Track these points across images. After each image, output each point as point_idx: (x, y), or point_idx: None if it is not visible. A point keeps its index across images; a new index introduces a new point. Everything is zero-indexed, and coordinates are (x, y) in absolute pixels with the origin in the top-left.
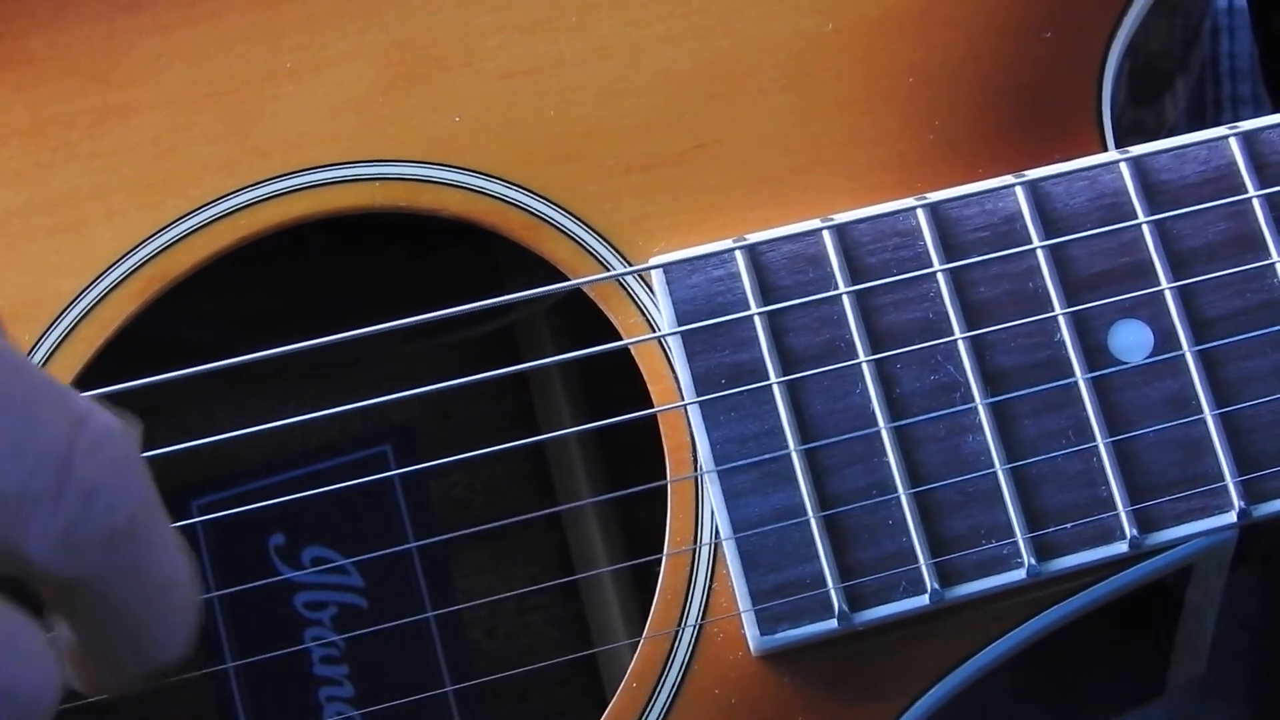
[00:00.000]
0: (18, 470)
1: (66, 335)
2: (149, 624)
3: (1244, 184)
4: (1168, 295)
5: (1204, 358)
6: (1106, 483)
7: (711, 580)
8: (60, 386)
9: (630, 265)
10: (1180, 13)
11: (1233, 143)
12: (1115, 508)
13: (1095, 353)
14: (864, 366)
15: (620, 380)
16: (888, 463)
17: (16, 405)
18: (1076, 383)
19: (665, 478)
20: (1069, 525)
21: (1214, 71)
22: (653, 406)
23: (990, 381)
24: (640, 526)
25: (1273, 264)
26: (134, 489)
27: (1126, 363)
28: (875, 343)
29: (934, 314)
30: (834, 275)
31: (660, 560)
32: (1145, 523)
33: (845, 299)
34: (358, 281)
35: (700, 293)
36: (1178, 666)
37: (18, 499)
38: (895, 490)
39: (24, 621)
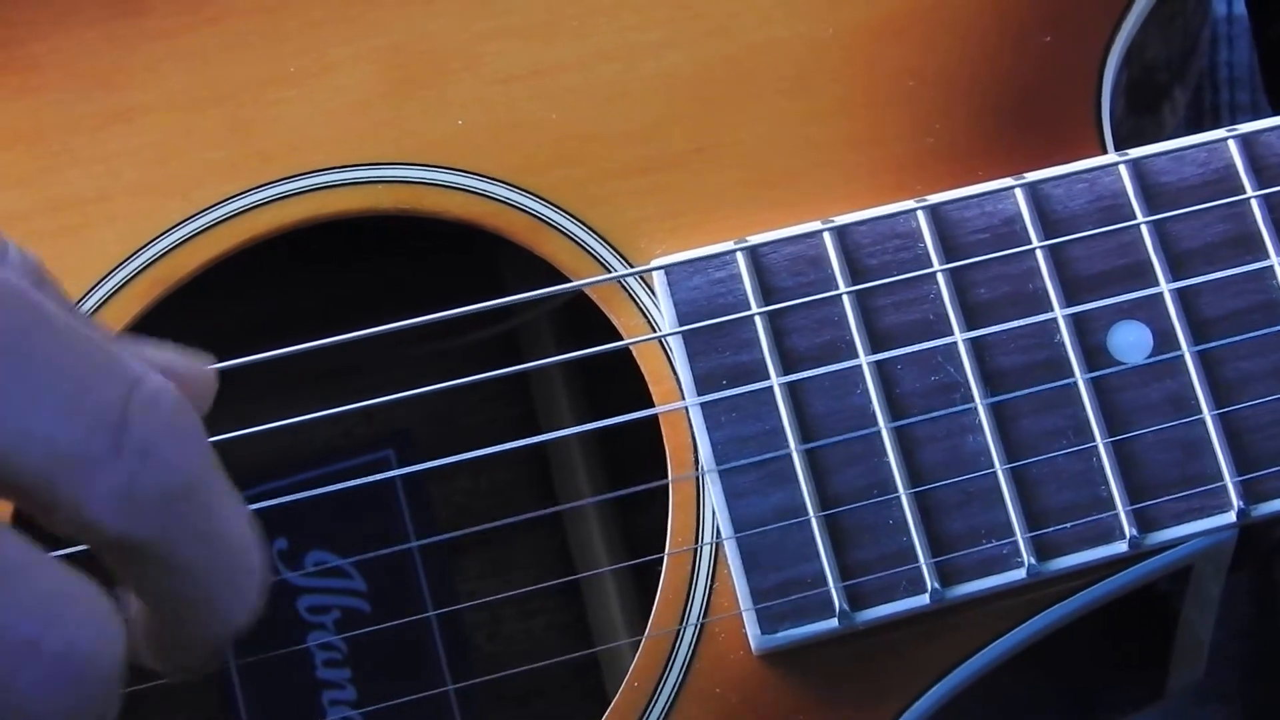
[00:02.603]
0: (76, 429)
1: None
2: (215, 586)
3: (1242, 186)
4: (1167, 296)
5: (1203, 358)
6: (1106, 482)
7: (713, 580)
8: (114, 347)
9: (632, 267)
10: (1179, 22)
11: (1231, 145)
12: (1115, 507)
13: (1094, 353)
14: (864, 367)
15: (622, 386)
16: (888, 463)
17: (71, 364)
18: (1076, 383)
19: (666, 480)
20: (1069, 525)
21: (1213, 79)
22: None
23: (990, 382)
24: (641, 531)
25: (1271, 265)
26: (190, 448)
27: (1126, 363)
28: (875, 343)
29: (934, 315)
30: (834, 276)
31: (661, 560)
32: (1145, 522)
33: (846, 300)
34: (359, 285)
35: (701, 294)
36: (1176, 671)
37: (77, 458)
38: (896, 490)
39: (83, 583)
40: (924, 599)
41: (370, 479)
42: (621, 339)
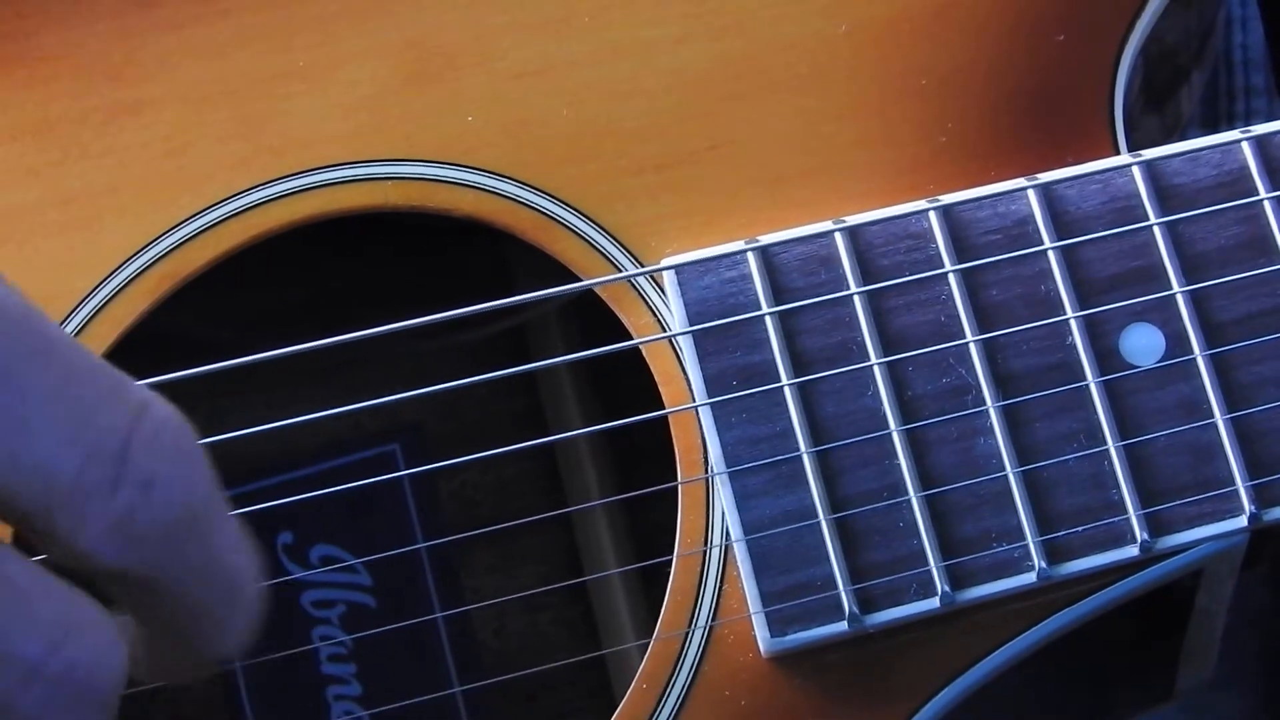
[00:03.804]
0: (74, 458)
1: (78, 332)
2: (210, 616)
3: (1256, 188)
4: (1179, 299)
5: (1215, 362)
6: (1117, 486)
7: (722, 582)
8: (119, 375)
9: (642, 266)
10: (1195, 7)
11: (1245, 146)
12: (1126, 511)
13: (1107, 356)
14: (876, 369)
15: (630, 380)
16: (899, 465)
17: (74, 389)
18: (1088, 386)
19: (674, 478)
20: (1080, 529)
21: (1227, 61)
22: (662, 407)
23: (1002, 384)
24: (649, 527)
25: None
26: (192, 481)
27: (1138, 366)
28: (887, 345)
29: (946, 316)
30: (846, 277)
31: (671, 562)
32: (1156, 526)
33: (857, 301)
34: (369, 280)
35: (712, 294)
36: (1186, 670)
37: (74, 488)
38: (906, 493)
39: (87, 605)
40: (934, 602)
41: (377, 479)
42: (631, 338)
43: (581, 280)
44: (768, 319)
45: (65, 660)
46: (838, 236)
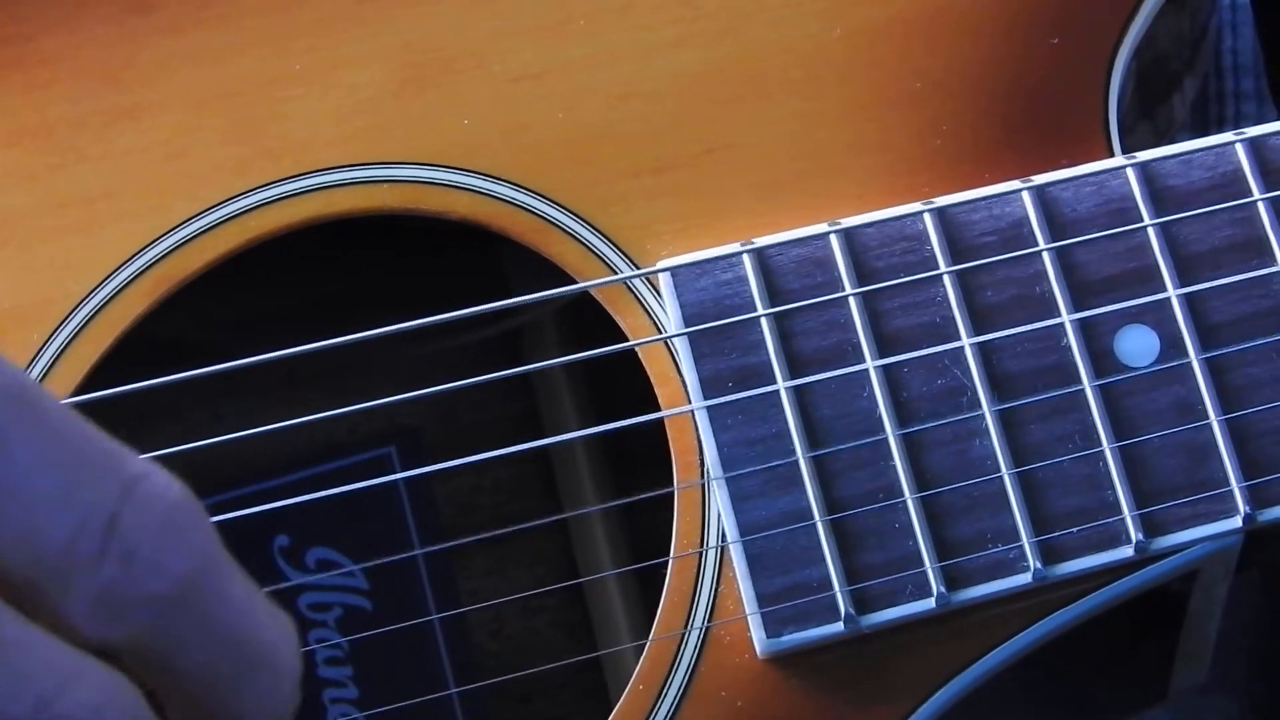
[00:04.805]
0: (63, 528)
1: (75, 336)
2: (223, 683)
3: (1250, 190)
4: (1174, 301)
5: (1210, 364)
6: (1112, 487)
7: (718, 583)
8: (115, 445)
9: (638, 268)
10: (1188, 12)
11: (1239, 148)
12: (1121, 512)
13: (1102, 358)
14: (871, 371)
15: (626, 383)
16: (894, 467)
17: (67, 462)
18: (1083, 388)
19: (670, 479)
20: (1075, 530)
21: (1217, 66)
22: (657, 409)
23: (997, 386)
24: (645, 528)
25: (1279, 270)
26: (188, 553)
27: (1133, 368)
28: (883, 347)
29: (941, 318)
30: (841, 279)
31: (666, 563)
32: (1151, 527)
33: (852, 302)
34: (365, 283)
35: (708, 296)
36: (1180, 671)
37: (61, 560)
38: (902, 494)
39: (84, 660)
40: (930, 603)
41: (374, 482)
42: (627, 340)
43: (578, 283)
44: (763, 321)
45: (57, 717)
46: (833, 238)
